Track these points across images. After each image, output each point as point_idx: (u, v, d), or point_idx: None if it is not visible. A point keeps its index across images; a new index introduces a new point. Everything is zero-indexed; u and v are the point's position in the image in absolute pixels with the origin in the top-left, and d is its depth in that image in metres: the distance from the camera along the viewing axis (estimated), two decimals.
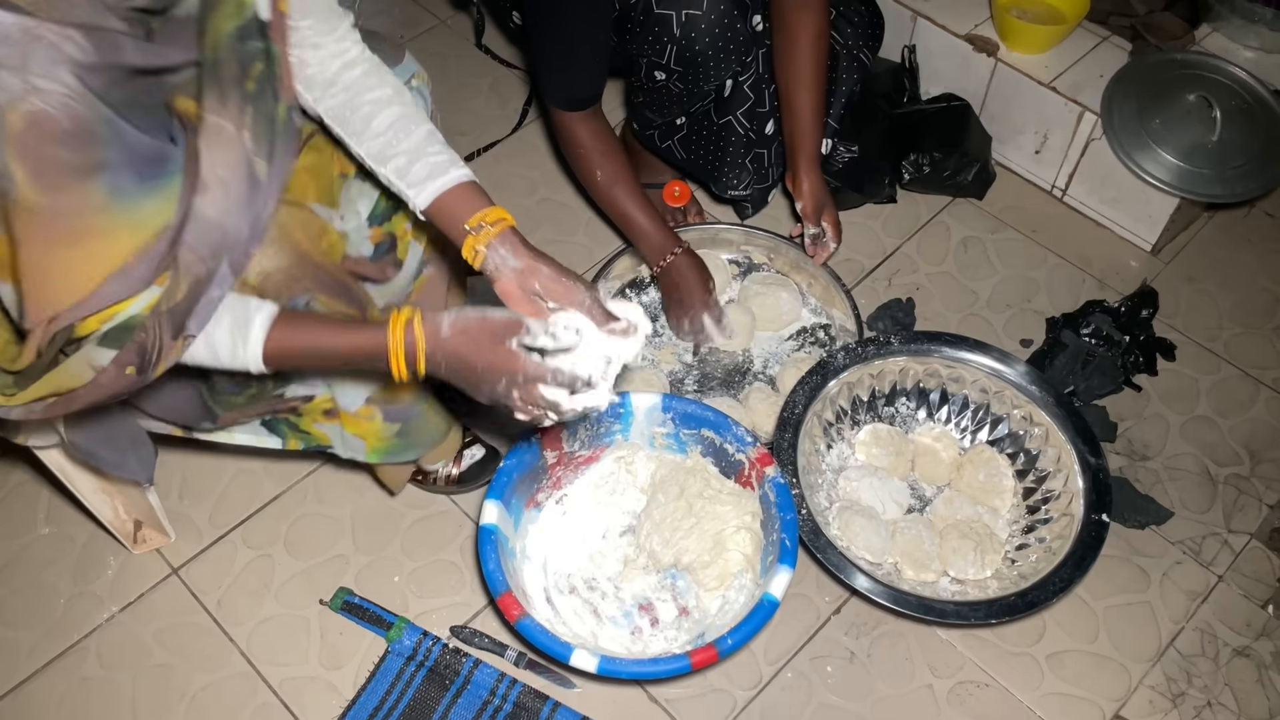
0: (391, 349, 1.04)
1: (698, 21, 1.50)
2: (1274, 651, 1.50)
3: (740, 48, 1.57)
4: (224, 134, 0.97)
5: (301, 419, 1.29)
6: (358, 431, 1.29)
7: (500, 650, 1.46)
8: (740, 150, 1.75)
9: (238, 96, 0.98)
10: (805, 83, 1.64)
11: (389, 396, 1.28)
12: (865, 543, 1.48)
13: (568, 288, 1.12)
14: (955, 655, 1.48)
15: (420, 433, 1.37)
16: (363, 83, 1.17)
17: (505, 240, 1.13)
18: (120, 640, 1.49)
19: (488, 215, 1.13)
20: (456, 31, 2.31)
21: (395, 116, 1.16)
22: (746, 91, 1.68)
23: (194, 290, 0.97)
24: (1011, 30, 1.95)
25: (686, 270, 1.65)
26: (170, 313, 0.97)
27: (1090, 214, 2.01)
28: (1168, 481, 1.66)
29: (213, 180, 0.97)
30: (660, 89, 1.63)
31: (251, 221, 1.01)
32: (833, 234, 1.71)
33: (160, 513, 1.53)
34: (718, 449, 1.49)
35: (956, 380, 1.61)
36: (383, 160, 1.16)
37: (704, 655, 1.27)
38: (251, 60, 0.98)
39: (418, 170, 1.15)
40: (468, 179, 1.16)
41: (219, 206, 0.97)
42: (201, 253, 0.97)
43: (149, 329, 0.96)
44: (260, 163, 1.01)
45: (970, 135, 1.99)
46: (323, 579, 1.54)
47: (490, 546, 1.34)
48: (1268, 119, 1.85)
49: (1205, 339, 1.84)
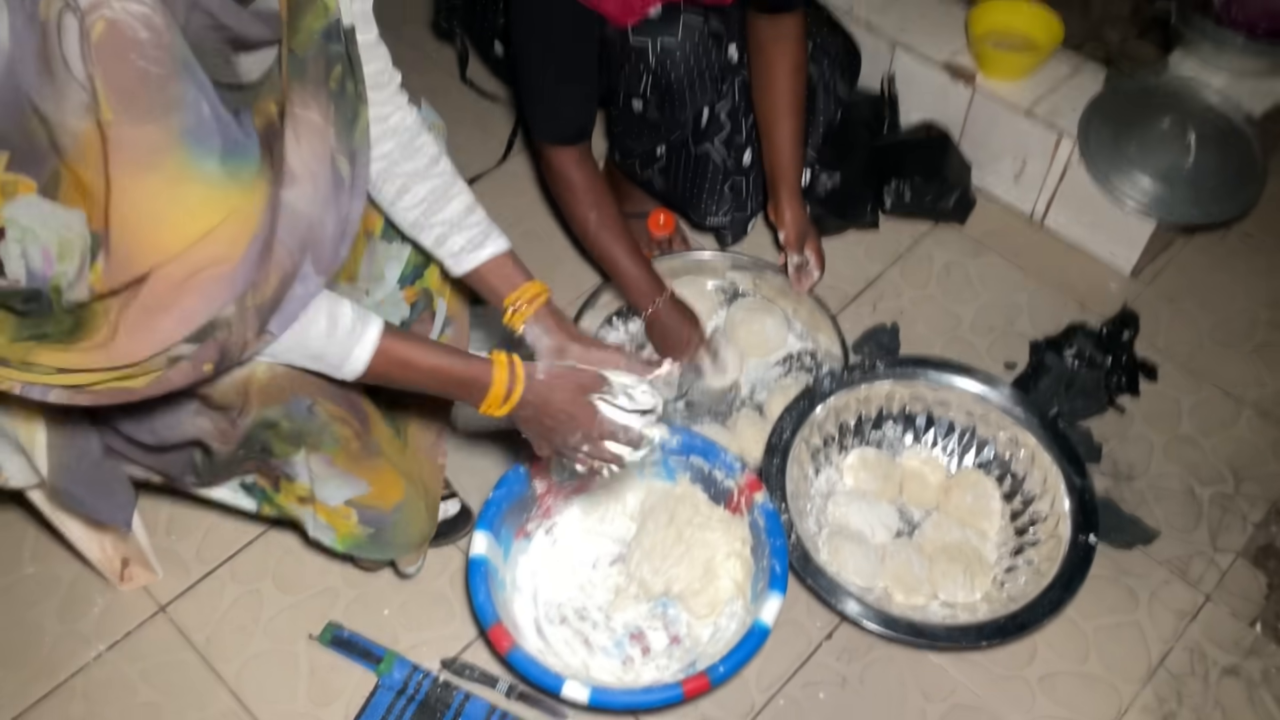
0: (495, 384, 1.10)
1: (673, 50, 1.52)
2: (1263, 670, 1.50)
3: (716, 77, 1.59)
4: (313, 126, 0.96)
5: (278, 494, 1.28)
6: (331, 521, 1.27)
7: (491, 682, 1.45)
8: (719, 179, 1.77)
9: (324, 94, 0.97)
10: (784, 113, 1.66)
11: (371, 503, 1.25)
12: (855, 567, 1.48)
13: (601, 356, 1.21)
14: (947, 679, 1.48)
15: (393, 539, 1.32)
16: (399, 155, 1.19)
17: (540, 319, 1.23)
18: (107, 679, 1.47)
19: (525, 293, 1.22)
20: (439, 65, 2.33)
21: (429, 189, 1.20)
22: (723, 120, 1.69)
23: (281, 285, 0.95)
24: (988, 59, 1.98)
25: (673, 319, 1.65)
26: (258, 308, 0.93)
27: (1070, 238, 2.03)
28: (1153, 501, 1.67)
29: (302, 172, 0.95)
30: (638, 118, 1.65)
31: (337, 219, 1.00)
32: (816, 262, 1.72)
33: (148, 549, 1.52)
34: (706, 476, 1.49)
35: (942, 404, 1.62)
36: (419, 229, 1.21)
37: (696, 684, 1.26)
38: (334, 62, 0.98)
39: (454, 241, 1.20)
40: (505, 250, 1.22)
41: (307, 198, 0.95)
42: (290, 245, 0.94)
43: (234, 325, 0.92)
44: (343, 160, 1.00)
45: (950, 162, 2.02)
46: (311, 613, 1.53)
47: (480, 577, 1.34)
48: (1241, 142, 1.88)
49: (1186, 360, 1.86)
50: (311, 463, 1.18)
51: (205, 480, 1.23)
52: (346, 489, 1.22)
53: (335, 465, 1.18)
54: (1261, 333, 1.91)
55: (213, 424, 1.10)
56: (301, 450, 1.17)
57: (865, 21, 2.08)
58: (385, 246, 1.30)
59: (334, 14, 0.96)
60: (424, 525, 1.36)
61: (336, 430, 1.15)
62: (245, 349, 0.95)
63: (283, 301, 0.96)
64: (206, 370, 0.94)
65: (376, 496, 1.24)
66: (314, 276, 0.99)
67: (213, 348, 0.92)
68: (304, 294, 0.98)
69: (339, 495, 1.22)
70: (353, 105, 1.02)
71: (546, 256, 1.97)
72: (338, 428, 1.15)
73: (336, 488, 1.21)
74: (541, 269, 1.89)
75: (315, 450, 1.16)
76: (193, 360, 0.92)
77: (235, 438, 1.11)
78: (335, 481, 1.21)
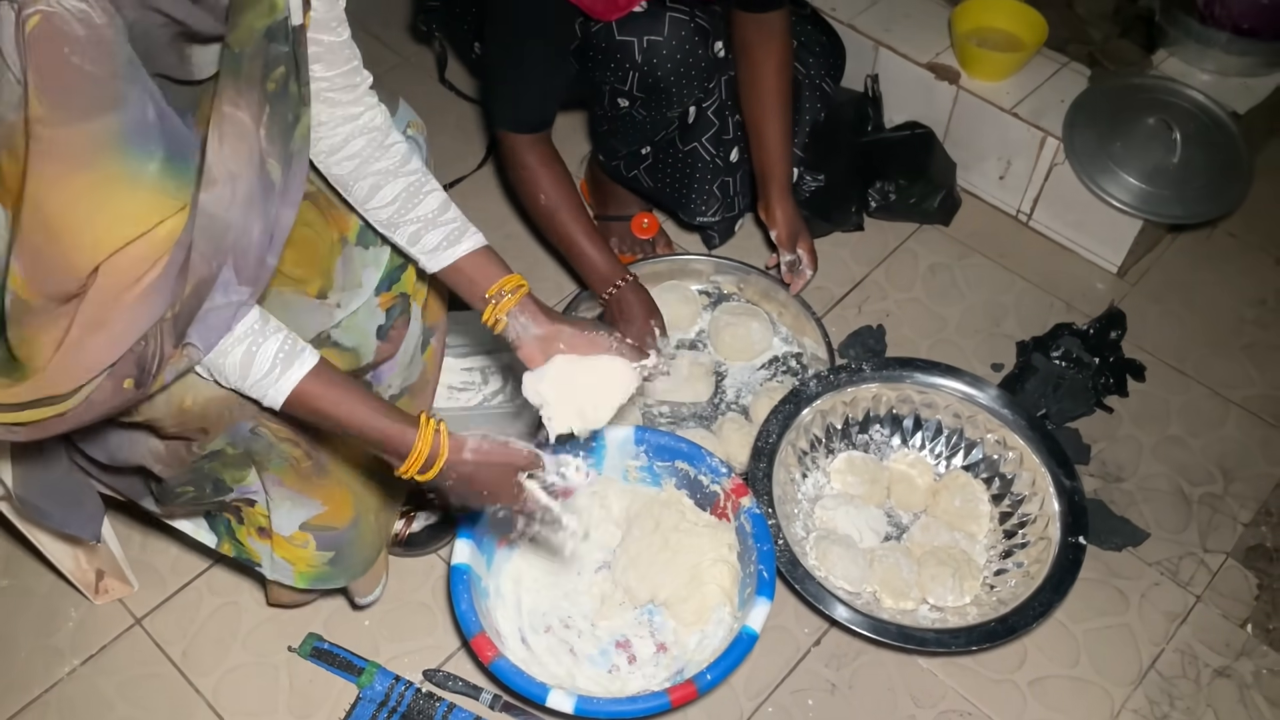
0: (415, 451, 1.06)
1: (659, 47, 1.51)
2: (1254, 671, 1.49)
3: (703, 73, 1.57)
4: (240, 127, 0.92)
5: (240, 527, 1.26)
6: (288, 557, 1.25)
7: (475, 693, 1.43)
8: (708, 176, 1.75)
9: (257, 94, 0.93)
10: (772, 111, 1.64)
11: (325, 523, 1.22)
12: (843, 572, 1.46)
13: (591, 340, 1.20)
14: (937, 684, 1.47)
15: (351, 560, 1.30)
16: (370, 154, 1.17)
17: (525, 308, 1.20)
18: (82, 694, 1.44)
19: (505, 284, 1.19)
20: (418, 68, 2.31)
21: (402, 187, 1.17)
22: (711, 118, 1.68)
23: (196, 293, 0.91)
24: (972, 58, 1.97)
25: (633, 302, 1.60)
26: (174, 318, 0.90)
27: (1056, 238, 2.02)
28: (1142, 502, 1.66)
29: (221, 175, 0.91)
30: (624, 117, 1.63)
31: (265, 226, 0.96)
32: (809, 261, 1.70)
33: (123, 562, 1.49)
34: (692, 481, 1.47)
35: (929, 406, 1.61)
36: (392, 227, 1.18)
37: (683, 692, 1.24)
38: (276, 62, 0.95)
39: (430, 238, 1.17)
40: (481, 245, 1.20)
41: (225, 202, 0.91)
42: (205, 251, 0.90)
43: (148, 337, 0.89)
44: (274, 164, 0.96)
45: (935, 162, 2.00)
46: (290, 625, 1.50)
47: (462, 586, 1.31)
48: (1226, 140, 1.88)
49: (1174, 359, 1.85)
50: (265, 484, 1.16)
51: (162, 508, 1.21)
52: (299, 511, 1.20)
53: (285, 485, 1.16)
54: (1249, 331, 1.90)
55: (165, 448, 1.07)
56: (252, 470, 1.15)
57: (848, 21, 2.07)
58: (361, 252, 1.27)
59: (281, 13, 0.93)
60: (374, 541, 1.33)
61: (285, 450, 1.12)
62: (164, 362, 0.91)
63: (201, 310, 0.92)
64: (127, 386, 0.90)
65: (331, 516, 1.22)
66: (236, 285, 0.94)
67: (129, 362, 0.89)
68: (225, 303, 0.94)
69: (293, 520, 1.20)
70: (294, 108, 0.99)
71: (528, 260, 1.95)
72: (286, 448, 1.12)
73: (289, 511, 1.19)
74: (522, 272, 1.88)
75: (264, 469, 1.14)
76: (113, 377, 0.89)
77: (184, 465, 1.08)
78: (288, 504, 1.18)
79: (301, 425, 1.11)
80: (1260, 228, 2.06)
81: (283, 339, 1.00)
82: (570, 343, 1.20)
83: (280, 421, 1.09)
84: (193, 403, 1.01)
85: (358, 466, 1.27)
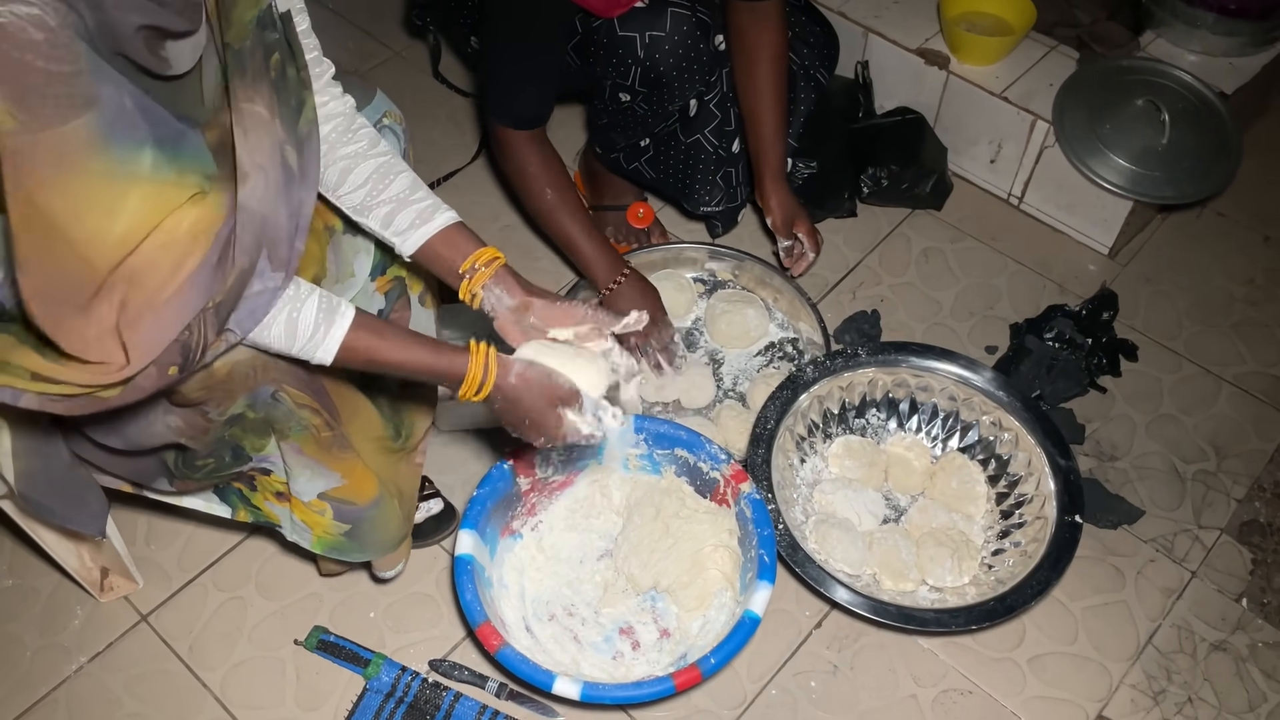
0: (470, 374, 1.11)
1: (661, 42, 1.51)
2: (1250, 644, 1.51)
3: (704, 67, 1.58)
4: (259, 119, 0.95)
5: (254, 494, 1.26)
6: (306, 520, 1.26)
7: (481, 682, 1.44)
8: (711, 167, 1.76)
9: (267, 85, 0.96)
10: (767, 100, 1.65)
11: (344, 496, 1.23)
12: (843, 555, 1.48)
13: (564, 311, 1.19)
14: (938, 664, 1.48)
15: (370, 538, 1.30)
16: (336, 139, 1.17)
17: (499, 280, 1.18)
18: (90, 692, 1.45)
19: (480, 257, 1.18)
20: (411, 63, 2.31)
21: (372, 169, 1.17)
22: (713, 110, 1.69)
23: (238, 284, 0.94)
24: (961, 43, 1.98)
25: (635, 296, 1.63)
26: (216, 308, 0.93)
27: (1047, 220, 2.03)
28: (1137, 480, 1.68)
29: (252, 168, 0.94)
30: (625, 111, 1.63)
31: (291, 212, 0.99)
32: (810, 244, 1.71)
33: (127, 559, 1.50)
34: (692, 468, 1.49)
35: (925, 389, 1.62)
36: (364, 212, 1.18)
37: (687, 676, 1.26)
38: (271, 50, 0.97)
39: (402, 219, 1.17)
40: (454, 221, 1.19)
41: (259, 195, 0.94)
42: (245, 243, 0.94)
43: (193, 326, 0.92)
44: (291, 151, 0.99)
45: (926, 147, 2.01)
46: (296, 618, 1.51)
47: (467, 577, 1.32)
48: (1214, 121, 1.89)
49: (1166, 338, 1.86)
50: (283, 452, 1.17)
51: (178, 484, 1.21)
52: (319, 481, 1.20)
53: (305, 454, 1.16)
54: (1239, 310, 1.92)
55: (184, 421, 1.08)
56: (272, 439, 1.16)
57: (838, 8, 2.08)
58: (351, 240, 1.28)
59: (265, 1, 0.95)
60: (398, 526, 1.34)
61: (305, 417, 1.13)
62: (207, 350, 0.95)
63: (241, 300, 0.96)
64: (172, 374, 0.93)
65: (350, 491, 1.22)
66: (271, 273, 0.98)
67: (175, 351, 0.91)
68: (262, 291, 0.97)
69: (312, 488, 1.21)
70: (296, 92, 1.01)
71: (525, 251, 1.96)
72: (306, 415, 1.13)
73: (309, 480, 1.20)
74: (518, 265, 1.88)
75: (285, 438, 1.15)
76: (158, 365, 0.91)
77: (208, 434, 1.10)
78: (307, 473, 1.19)
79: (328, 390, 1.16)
80: (1249, 207, 2.07)
81: (319, 298, 1.03)
82: (542, 314, 1.19)
83: (300, 388, 1.12)
84: (222, 365, 1.04)
85: (379, 448, 1.28)
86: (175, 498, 1.28)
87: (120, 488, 1.25)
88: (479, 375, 1.11)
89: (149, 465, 1.18)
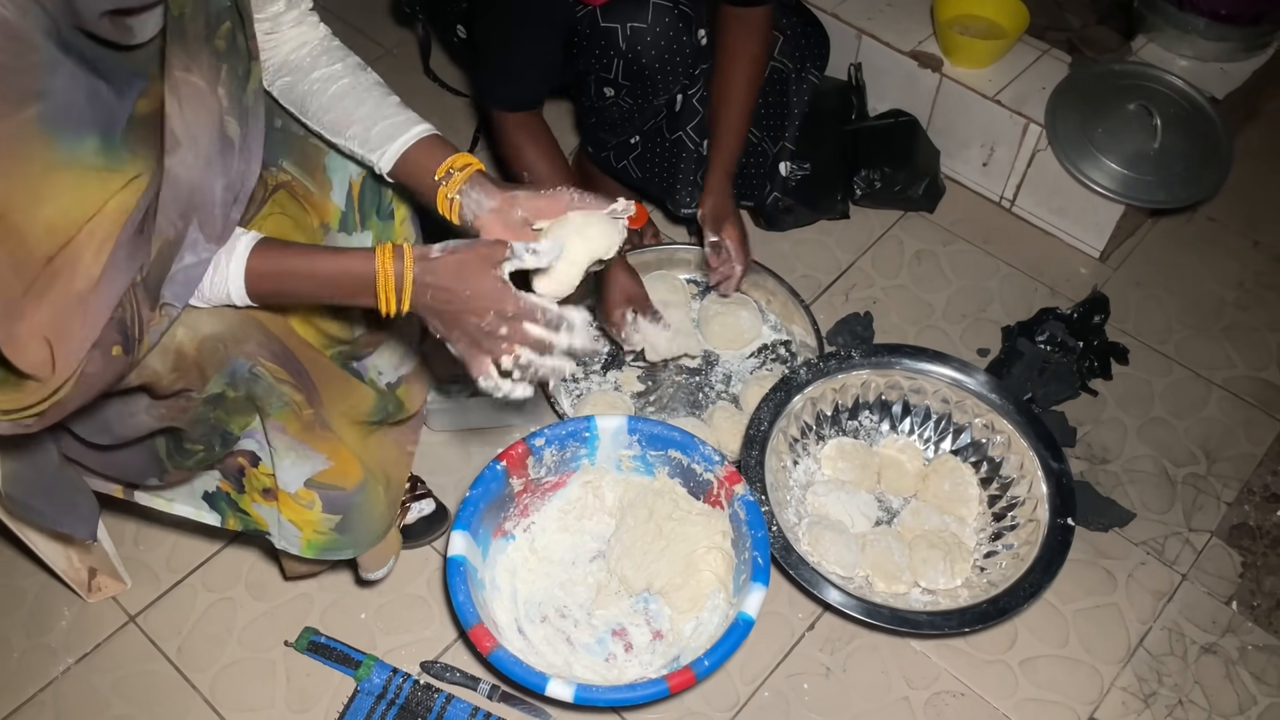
0: (380, 276, 1.00)
1: (643, 34, 1.51)
2: (1240, 647, 1.52)
3: (686, 60, 1.58)
4: (195, 90, 0.93)
5: (242, 496, 1.24)
6: (295, 519, 1.23)
7: (473, 684, 1.44)
8: (692, 166, 1.76)
9: (208, 54, 0.94)
10: (736, 99, 1.66)
11: (331, 481, 1.21)
12: (836, 557, 1.48)
13: (550, 198, 1.11)
14: (930, 666, 1.48)
15: (360, 527, 1.27)
16: (310, 64, 1.16)
17: (476, 183, 1.12)
18: (77, 693, 1.44)
19: (454, 162, 1.12)
20: (402, 59, 2.30)
21: (347, 87, 1.15)
22: (696, 105, 1.68)
23: (164, 254, 0.92)
24: (954, 46, 1.98)
25: (623, 278, 1.66)
26: (144, 281, 0.92)
27: (1039, 223, 2.04)
28: (1128, 483, 1.68)
29: (184, 137, 0.92)
30: (610, 106, 1.63)
31: (228, 184, 0.97)
32: (735, 250, 1.67)
33: (115, 559, 1.49)
34: (685, 469, 1.48)
35: (918, 391, 1.62)
36: (339, 131, 1.15)
37: (681, 678, 1.25)
38: (220, 19, 0.95)
39: (377, 133, 1.13)
40: (430, 133, 1.14)
41: (187, 163, 0.93)
42: (170, 214, 0.92)
43: (124, 303, 0.91)
44: (232, 122, 0.97)
45: (919, 150, 2.02)
46: (287, 620, 1.50)
47: (459, 578, 1.32)
48: (1205, 125, 1.90)
49: (1156, 342, 1.87)
50: (268, 432, 1.15)
51: (169, 476, 1.19)
52: (305, 465, 1.18)
53: (288, 434, 1.15)
54: (1229, 314, 1.92)
55: (167, 409, 1.07)
56: (257, 418, 1.14)
57: (831, 10, 2.08)
58: (345, 239, 1.27)
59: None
60: (384, 513, 1.31)
61: (285, 393, 1.12)
62: (146, 325, 0.93)
63: (172, 271, 0.94)
64: (115, 354, 0.92)
65: (337, 474, 1.20)
66: (204, 243, 0.96)
67: (111, 329, 0.91)
68: (196, 261, 0.96)
69: (299, 474, 1.18)
70: (244, 62, 0.99)
71: None
72: (286, 390, 1.11)
73: (294, 464, 1.17)
74: None
75: (268, 415, 1.13)
76: (98, 346, 0.91)
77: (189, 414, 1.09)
78: (292, 455, 1.16)
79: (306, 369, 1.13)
80: (1239, 211, 2.08)
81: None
82: (528, 205, 1.11)
83: (277, 362, 1.10)
84: (189, 343, 1.02)
85: (362, 433, 1.27)
86: (165, 505, 1.27)
87: (111, 491, 1.24)
88: (390, 269, 1.00)
89: (139, 459, 1.16)
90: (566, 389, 1.72)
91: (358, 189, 1.27)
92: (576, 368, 1.10)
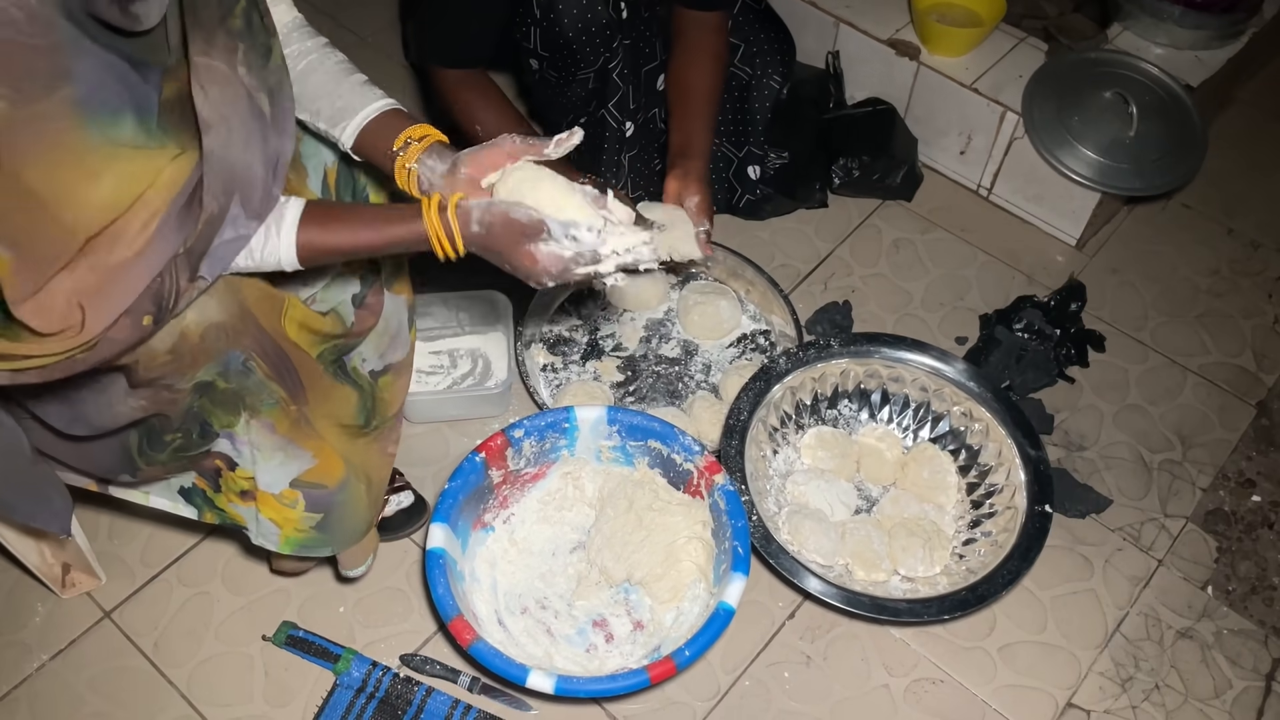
0: (431, 235, 1.04)
1: (558, 1, 1.51)
2: (1215, 632, 1.53)
3: (603, 29, 1.56)
4: (216, 73, 0.94)
5: (218, 495, 1.23)
6: (275, 518, 1.22)
7: (453, 676, 1.43)
8: (616, 146, 1.73)
9: (224, 35, 0.95)
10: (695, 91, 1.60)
11: (315, 479, 1.20)
12: (816, 545, 1.48)
13: (491, 149, 1.11)
14: (909, 653, 1.49)
15: (341, 525, 1.27)
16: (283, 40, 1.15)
17: (432, 153, 1.12)
18: (52, 690, 1.42)
19: (413, 132, 1.12)
20: (380, 49, 2.28)
21: (314, 64, 1.15)
22: (617, 82, 1.65)
23: (207, 230, 0.94)
24: (932, 34, 1.98)
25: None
26: (187, 254, 0.93)
27: (1016, 211, 2.04)
28: (1104, 470, 1.69)
29: (215, 118, 0.93)
30: (540, 82, 1.63)
31: (265, 159, 0.98)
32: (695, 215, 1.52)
33: (89, 554, 1.47)
34: (665, 459, 1.48)
35: (896, 380, 1.62)
36: (304, 107, 1.15)
37: (662, 668, 1.25)
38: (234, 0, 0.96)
39: (340, 108, 1.14)
40: (391, 106, 1.15)
41: (222, 142, 0.94)
42: (214, 190, 0.94)
43: (165, 274, 0.92)
44: (263, 97, 0.98)
45: (897, 139, 2.02)
46: (264, 614, 1.49)
47: (438, 570, 1.31)
48: (1181, 113, 1.91)
49: (1132, 329, 1.88)
50: (253, 432, 1.13)
51: (142, 472, 1.18)
52: (292, 465, 1.17)
53: (278, 432, 1.14)
54: (1203, 301, 1.94)
55: (148, 399, 1.06)
56: (242, 417, 1.12)
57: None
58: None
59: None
60: (365, 512, 1.31)
61: (275, 390, 1.11)
62: (179, 296, 0.95)
63: (212, 246, 0.95)
64: (146, 323, 0.93)
65: (321, 472, 1.20)
66: (245, 219, 0.97)
67: (147, 298, 0.92)
68: (235, 237, 0.97)
69: (284, 474, 1.17)
70: (264, 40, 1.00)
71: None
72: (276, 387, 1.11)
73: (281, 464, 1.16)
74: None
75: (256, 414, 1.12)
76: (130, 314, 0.92)
77: (176, 405, 1.07)
78: (280, 455, 1.16)
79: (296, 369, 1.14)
80: (1213, 199, 2.10)
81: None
82: (470, 162, 1.10)
83: (268, 361, 1.10)
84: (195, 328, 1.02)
85: (345, 435, 1.26)
86: (142, 497, 1.25)
87: (85, 485, 1.23)
88: (440, 228, 1.04)
89: (112, 452, 1.14)
90: (546, 379, 1.72)
91: (333, 176, 1.26)
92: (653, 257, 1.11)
